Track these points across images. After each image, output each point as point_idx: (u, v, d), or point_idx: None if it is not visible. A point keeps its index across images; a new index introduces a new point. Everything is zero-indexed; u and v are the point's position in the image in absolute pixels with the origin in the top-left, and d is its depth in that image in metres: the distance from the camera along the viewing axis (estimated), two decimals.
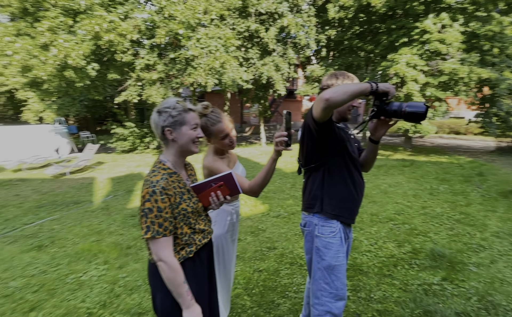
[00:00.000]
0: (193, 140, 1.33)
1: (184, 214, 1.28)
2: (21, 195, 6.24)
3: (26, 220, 4.65)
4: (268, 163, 1.51)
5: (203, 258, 1.42)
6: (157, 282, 1.26)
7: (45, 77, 7.75)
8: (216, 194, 1.41)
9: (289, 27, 9.14)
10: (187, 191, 1.33)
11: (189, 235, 1.31)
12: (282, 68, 9.85)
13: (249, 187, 1.60)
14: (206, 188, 1.40)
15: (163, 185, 1.21)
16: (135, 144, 11.56)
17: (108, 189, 6.55)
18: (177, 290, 1.21)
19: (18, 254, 3.46)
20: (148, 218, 1.17)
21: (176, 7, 7.32)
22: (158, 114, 1.31)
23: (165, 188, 1.21)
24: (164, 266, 1.19)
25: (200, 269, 1.38)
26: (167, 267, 1.19)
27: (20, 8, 7.44)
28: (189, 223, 1.31)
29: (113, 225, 4.31)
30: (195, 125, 1.33)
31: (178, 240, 1.28)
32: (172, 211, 1.23)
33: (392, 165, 8.14)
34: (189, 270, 1.29)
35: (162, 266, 1.19)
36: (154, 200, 1.17)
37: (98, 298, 2.54)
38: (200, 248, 1.37)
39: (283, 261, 3.08)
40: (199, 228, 1.37)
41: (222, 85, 8.52)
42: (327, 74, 1.71)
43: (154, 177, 1.22)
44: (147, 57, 8.23)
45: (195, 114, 1.35)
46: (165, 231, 1.19)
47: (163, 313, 1.28)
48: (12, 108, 16.72)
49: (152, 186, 1.19)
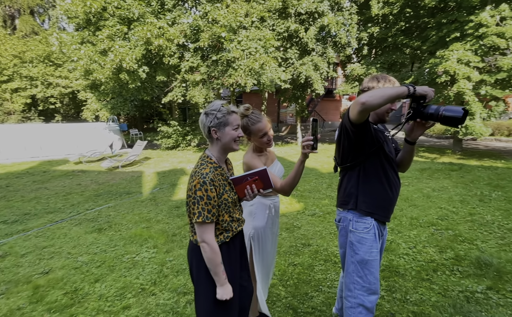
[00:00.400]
0: (234, 139, 1.51)
1: (226, 203, 1.48)
2: (82, 184, 7.07)
3: (87, 206, 5.30)
4: (296, 164, 1.64)
5: (236, 244, 1.61)
6: (198, 261, 1.47)
7: (103, 80, 8.65)
8: (251, 187, 1.59)
9: (329, 26, 9.03)
10: (228, 183, 1.53)
11: (228, 222, 1.50)
12: (321, 67, 9.76)
13: (280, 186, 1.76)
14: (242, 181, 1.58)
15: (211, 177, 1.41)
16: (178, 141, 12.30)
17: (154, 182, 7.13)
18: (215, 269, 1.41)
19: (83, 234, 4.00)
20: (200, 204, 1.37)
21: (219, 11, 7.69)
22: (206, 115, 1.50)
23: (213, 180, 1.41)
24: (206, 247, 1.39)
25: (233, 254, 1.58)
26: (209, 248, 1.39)
27: (85, 19, 8.41)
28: (229, 212, 1.51)
29: (160, 214, 4.73)
30: (236, 126, 1.51)
31: (218, 226, 1.48)
32: (217, 200, 1.43)
33: (437, 169, 7.65)
34: (225, 253, 1.49)
35: (205, 247, 1.40)
36: (204, 190, 1.37)
37: (149, 276, 2.87)
38: (235, 234, 1.57)
39: (317, 258, 3.16)
40: (236, 217, 1.56)
41: (260, 85, 8.73)
42: (369, 76, 1.76)
43: (203, 170, 1.42)
44: (191, 59, 8.75)
45: (237, 115, 1.53)
46: (212, 217, 1.40)
47: (204, 288, 1.48)
48: (74, 107, 18.76)
49: (203, 177, 1.39)
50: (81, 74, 8.87)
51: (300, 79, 9.97)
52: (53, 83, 16.26)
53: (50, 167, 9.12)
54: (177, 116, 13.12)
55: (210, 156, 1.52)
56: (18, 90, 15.75)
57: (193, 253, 1.52)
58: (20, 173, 8.36)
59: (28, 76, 15.74)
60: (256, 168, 1.65)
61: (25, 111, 16.47)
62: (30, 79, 15.87)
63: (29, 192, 6.36)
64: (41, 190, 6.49)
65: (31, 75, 15.70)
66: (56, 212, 5.02)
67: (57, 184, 7.10)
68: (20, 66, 15.64)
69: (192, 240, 1.52)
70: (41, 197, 5.95)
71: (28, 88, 15.80)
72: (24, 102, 15.95)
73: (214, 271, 1.42)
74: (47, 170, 8.69)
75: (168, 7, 8.91)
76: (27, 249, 3.58)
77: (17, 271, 3.06)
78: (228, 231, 1.51)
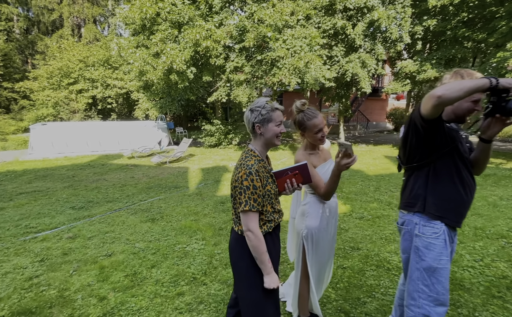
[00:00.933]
0: (276, 134, 1.54)
1: (269, 195, 1.51)
2: (135, 177, 7.64)
3: (141, 198, 5.71)
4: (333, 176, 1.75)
5: (278, 235, 1.64)
6: (242, 252, 1.50)
7: (155, 80, 9.25)
8: (291, 181, 1.62)
9: (379, 20, 8.56)
10: (270, 176, 1.56)
11: (270, 213, 1.53)
12: (368, 64, 9.30)
13: (323, 190, 1.85)
14: (283, 175, 1.61)
15: (256, 168, 1.45)
16: (220, 139, 12.67)
17: (199, 178, 7.43)
18: (261, 257, 1.43)
19: (138, 223, 4.32)
20: (246, 194, 1.41)
21: (266, 11, 7.74)
22: (251, 112, 1.56)
23: (258, 171, 1.45)
24: (251, 236, 1.42)
25: (276, 244, 1.62)
26: (254, 237, 1.42)
27: (140, 24, 9.08)
28: (271, 203, 1.54)
29: (207, 208, 4.91)
30: (279, 122, 1.54)
31: (262, 216, 1.51)
32: (262, 190, 1.47)
33: (505, 175, 6.81)
34: (269, 243, 1.52)
35: (250, 236, 1.43)
36: (250, 180, 1.41)
37: (200, 267, 2.99)
38: (276, 225, 1.60)
39: (368, 262, 3.02)
40: (277, 208, 1.59)
41: (304, 84, 8.61)
42: (451, 72, 1.61)
43: (248, 161, 1.47)
44: (236, 60, 8.95)
45: (280, 113, 1.56)
46: (258, 206, 1.43)
47: (248, 277, 1.51)
48: (127, 107, 20.39)
49: (248, 168, 1.43)
50: (136, 75, 9.59)
51: (346, 77, 9.60)
52: (110, 84, 17.86)
53: (107, 161, 10.02)
54: (220, 115, 13.52)
55: (253, 149, 1.56)
56: (82, 91, 17.58)
57: (237, 243, 1.55)
58: (83, 165, 9.31)
59: (90, 79, 17.48)
60: None
61: (86, 110, 18.32)
62: (91, 81, 17.62)
63: (91, 182, 7.05)
64: (101, 181, 7.15)
65: (93, 78, 17.42)
66: (114, 201, 5.49)
67: (113, 176, 7.77)
68: (84, 69, 17.45)
69: (236, 230, 1.56)
70: (101, 187, 6.56)
71: (90, 89, 17.57)
72: (86, 102, 17.74)
73: (260, 259, 1.44)
74: (105, 163, 9.56)
75: (215, 10, 9.22)
76: (92, 233, 3.97)
77: (85, 252, 3.41)
78: (271, 221, 1.55)
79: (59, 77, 17.32)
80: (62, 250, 3.45)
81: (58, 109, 17.65)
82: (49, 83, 17.42)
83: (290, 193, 1.66)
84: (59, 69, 17.17)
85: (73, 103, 17.85)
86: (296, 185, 1.64)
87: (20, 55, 22.58)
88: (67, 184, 6.84)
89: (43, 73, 17.58)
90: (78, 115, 18.01)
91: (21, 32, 23.92)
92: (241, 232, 1.50)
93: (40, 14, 23.60)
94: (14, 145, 13.06)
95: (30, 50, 24.08)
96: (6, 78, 18.40)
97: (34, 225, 4.28)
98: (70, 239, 3.79)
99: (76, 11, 23.74)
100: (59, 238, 3.82)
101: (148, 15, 8.66)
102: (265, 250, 1.44)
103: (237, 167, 1.50)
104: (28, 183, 6.93)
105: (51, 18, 23.76)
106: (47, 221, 4.44)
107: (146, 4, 8.64)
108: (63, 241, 3.72)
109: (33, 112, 17.77)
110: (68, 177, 7.55)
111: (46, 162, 9.63)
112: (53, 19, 23.90)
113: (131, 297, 2.53)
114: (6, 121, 17.05)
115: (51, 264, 3.13)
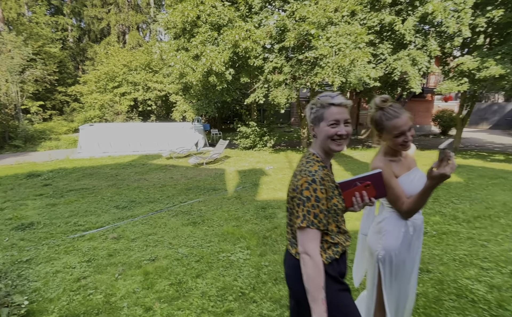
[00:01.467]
0: (330, 136, 1.21)
1: (335, 210, 1.22)
2: (174, 178, 7.69)
3: (181, 199, 5.66)
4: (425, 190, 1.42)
5: (345, 262, 1.31)
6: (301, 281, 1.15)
7: (194, 82, 9.33)
8: (360, 194, 1.31)
9: (434, 13, 7.77)
10: (336, 187, 1.25)
11: (335, 233, 1.23)
12: (419, 62, 8.50)
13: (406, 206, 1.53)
14: (351, 186, 1.30)
15: (321, 176, 1.16)
16: (255, 142, 12.50)
17: (237, 181, 7.27)
18: (314, 292, 1.10)
19: (180, 226, 4.22)
20: (305, 206, 1.13)
21: (308, 8, 7.41)
22: (308, 109, 1.31)
23: (323, 179, 1.16)
24: (308, 260, 1.11)
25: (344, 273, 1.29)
26: (312, 262, 1.11)
27: (181, 28, 9.22)
28: (337, 221, 1.23)
29: (248, 214, 4.69)
30: (333, 121, 1.21)
31: (327, 237, 1.21)
32: (326, 204, 1.17)
33: None
34: (336, 271, 1.22)
35: (306, 260, 1.12)
36: (312, 189, 1.13)
37: (247, 280, 2.75)
38: (344, 251, 1.29)
39: (444, 290, 2.55)
40: (343, 228, 1.28)
41: (347, 84, 8.10)
42: None
43: (311, 167, 1.18)
44: (275, 60, 8.71)
45: (339, 109, 1.23)
46: (318, 223, 1.13)
47: None
48: (165, 109, 21.16)
49: (311, 175, 1.15)
50: (176, 77, 9.76)
51: (394, 76, 8.88)
52: (151, 87, 18.64)
53: (147, 161, 10.31)
54: (255, 117, 13.38)
55: (316, 153, 1.27)
56: (125, 94, 18.56)
57: (295, 270, 1.21)
58: (125, 164, 9.66)
59: (133, 82, 18.40)
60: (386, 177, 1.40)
61: (128, 111, 19.31)
62: (134, 85, 18.54)
63: (133, 181, 7.22)
64: (142, 181, 7.29)
65: (135, 81, 18.31)
66: (155, 202, 5.50)
67: (153, 176, 7.91)
68: (128, 73, 18.42)
69: (291, 252, 1.26)
70: (142, 187, 6.66)
71: (132, 92, 18.49)
72: (129, 104, 18.70)
73: (313, 295, 1.10)
74: (145, 163, 9.84)
75: (255, 10, 9.08)
76: (135, 234, 3.93)
77: (129, 254, 3.35)
78: (337, 245, 1.24)
79: (105, 81, 18.47)
80: (107, 251, 3.43)
81: (103, 111, 18.80)
82: (97, 86, 18.65)
83: (359, 209, 1.33)
84: (106, 74, 18.30)
85: (116, 105, 18.90)
86: (368, 199, 1.32)
87: (72, 61, 24.55)
88: (111, 182, 7.07)
89: (91, 77, 18.88)
90: (121, 116, 19.03)
91: (74, 40, 26.05)
92: (297, 254, 1.21)
93: (90, 24, 25.49)
94: (65, 144, 14.08)
95: (81, 57, 26.13)
96: (60, 83, 20.05)
97: (82, 223, 4.37)
98: (114, 239, 3.78)
99: (122, 19, 25.26)
100: (104, 238, 3.83)
101: (190, 19, 8.75)
102: (321, 284, 1.10)
103: (295, 174, 1.23)
104: (77, 180, 7.28)
105: (100, 26, 25.55)
106: (93, 220, 4.52)
107: (187, 8, 8.75)
108: (108, 241, 3.71)
109: (82, 114, 19.14)
110: (112, 176, 7.83)
111: (93, 161, 10.16)
112: (101, 27, 25.69)
113: (177, 310, 2.35)
114: (60, 122, 18.54)
115: (98, 266, 3.10)
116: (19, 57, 14.05)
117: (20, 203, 5.44)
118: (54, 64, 18.62)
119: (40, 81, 16.74)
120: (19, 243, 3.72)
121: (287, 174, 7.80)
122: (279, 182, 6.95)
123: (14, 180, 7.32)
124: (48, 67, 17.65)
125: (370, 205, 1.35)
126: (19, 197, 5.84)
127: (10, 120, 14.12)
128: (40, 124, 16.72)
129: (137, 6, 26.86)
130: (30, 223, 4.34)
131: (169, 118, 20.51)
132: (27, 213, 4.88)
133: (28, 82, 15.46)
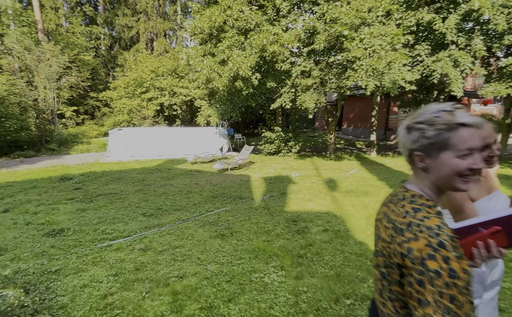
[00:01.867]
0: (459, 173, 0.86)
1: None
2: (199, 184, 7.58)
3: (207, 208, 5.49)
4: None
5: None
6: None
7: (221, 87, 9.24)
8: (486, 244, 0.94)
9: (480, 10, 7.10)
10: (456, 238, 0.83)
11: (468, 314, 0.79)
12: (462, 63, 7.81)
13: None
14: (471, 232, 0.95)
15: (450, 234, 0.79)
16: (280, 147, 12.20)
17: (263, 188, 7.01)
18: None
19: (208, 238, 4.02)
20: (435, 286, 0.75)
21: (340, 9, 7.05)
22: (407, 130, 0.93)
23: (453, 239, 0.79)
24: None
25: None
26: None
27: (208, 33, 9.19)
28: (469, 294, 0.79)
29: (278, 227, 4.41)
30: (466, 151, 0.85)
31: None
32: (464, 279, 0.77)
33: None
34: None
35: None
36: (443, 259, 0.76)
37: (285, 308, 2.46)
38: None
39: None
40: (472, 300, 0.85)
41: (381, 87, 7.61)
42: None
43: (427, 220, 0.82)
44: (304, 63, 8.40)
45: (472, 131, 0.86)
46: (457, 310, 0.74)
47: None
48: (190, 113, 21.46)
49: (435, 234, 0.78)
50: (203, 82, 9.74)
51: (433, 78, 8.24)
52: (177, 92, 18.98)
53: (172, 165, 10.35)
54: (280, 122, 13.11)
55: (424, 195, 0.90)
56: (152, 99, 19.04)
57: None
58: (151, 169, 9.74)
59: (160, 87, 18.84)
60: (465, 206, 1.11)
61: (155, 116, 19.78)
62: (160, 90, 18.97)
63: (159, 187, 7.18)
64: (168, 186, 7.24)
65: (162, 86, 18.73)
66: (182, 210, 5.37)
67: (179, 181, 7.85)
68: (155, 79, 18.89)
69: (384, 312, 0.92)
70: (168, 193, 6.59)
71: (158, 97, 18.92)
72: (155, 109, 19.15)
73: None
74: (171, 168, 9.86)
75: (283, 13, 8.85)
76: (162, 246, 3.78)
77: (157, 269, 3.18)
78: None
79: (133, 87, 19.07)
80: (134, 264, 3.29)
81: (131, 116, 19.39)
82: (125, 92, 19.30)
83: (480, 264, 0.95)
84: (134, 79, 18.89)
85: (144, 110, 19.41)
86: (497, 251, 0.95)
87: (104, 68, 25.71)
88: (138, 187, 7.07)
89: (121, 83, 19.59)
90: (147, 121, 19.51)
91: (106, 48, 27.33)
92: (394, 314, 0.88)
93: (121, 32, 26.61)
94: (96, 147, 14.59)
95: (112, 64, 27.32)
96: (92, 89, 21.02)
97: (109, 231, 4.31)
98: (141, 250, 3.65)
99: (150, 27, 26.12)
100: (131, 249, 3.71)
101: (217, 24, 8.69)
102: None
103: (401, 229, 0.86)
104: (105, 185, 7.37)
105: (130, 34, 26.60)
106: (120, 228, 4.45)
107: (215, 13, 8.70)
108: (135, 253, 3.58)
109: (111, 118, 19.87)
110: (139, 181, 7.87)
111: (121, 165, 10.36)
112: (131, 35, 26.73)
113: None
114: (91, 126, 19.36)
115: (125, 281, 2.95)
116: (56, 65, 14.83)
117: (52, 207, 5.54)
118: (87, 71, 19.56)
119: (75, 87, 17.62)
120: (50, 250, 3.69)
121: (315, 183, 7.43)
122: (307, 191, 6.61)
123: (48, 183, 7.56)
124: (82, 74, 18.56)
125: (499, 258, 0.97)
126: (52, 200, 5.96)
127: (47, 124, 14.90)
128: (73, 128, 17.56)
129: (165, 14, 27.68)
130: (60, 229, 4.35)
131: (194, 123, 20.76)
132: (58, 218, 4.92)
133: (63, 88, 16.30)
